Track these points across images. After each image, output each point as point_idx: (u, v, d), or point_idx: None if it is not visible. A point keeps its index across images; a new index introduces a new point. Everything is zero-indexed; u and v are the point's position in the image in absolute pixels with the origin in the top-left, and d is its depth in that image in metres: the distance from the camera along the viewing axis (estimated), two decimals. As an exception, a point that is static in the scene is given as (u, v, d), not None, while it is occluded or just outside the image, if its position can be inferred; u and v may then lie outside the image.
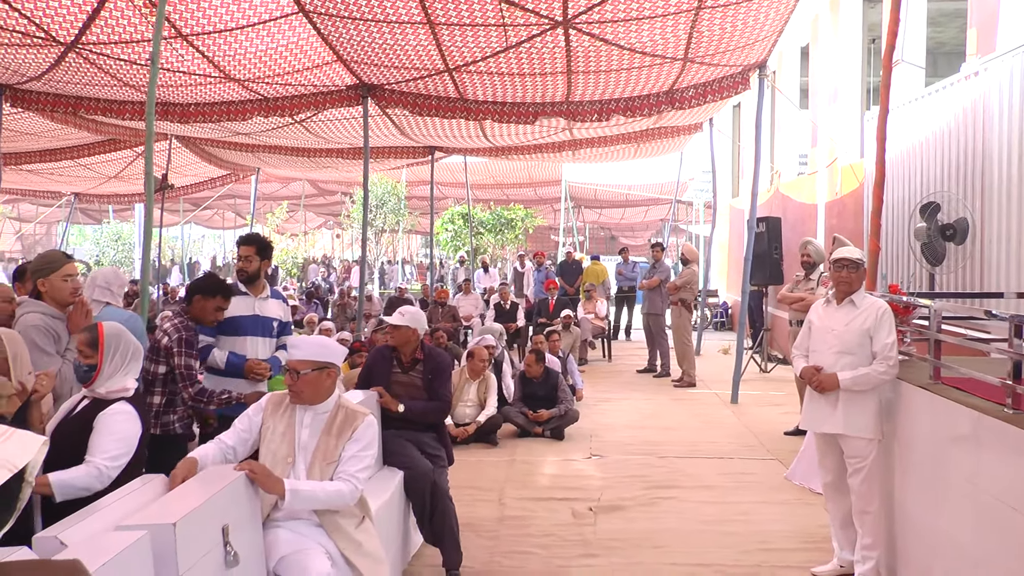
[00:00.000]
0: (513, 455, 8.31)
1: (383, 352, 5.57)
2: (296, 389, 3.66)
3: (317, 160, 16.87)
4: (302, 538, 3.57)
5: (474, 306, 16.15)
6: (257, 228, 27.13)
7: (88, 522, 2.88)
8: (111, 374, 3.72)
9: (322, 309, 19.43)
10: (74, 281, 4.63)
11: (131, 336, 3.87)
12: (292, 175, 23.65)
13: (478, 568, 5.28)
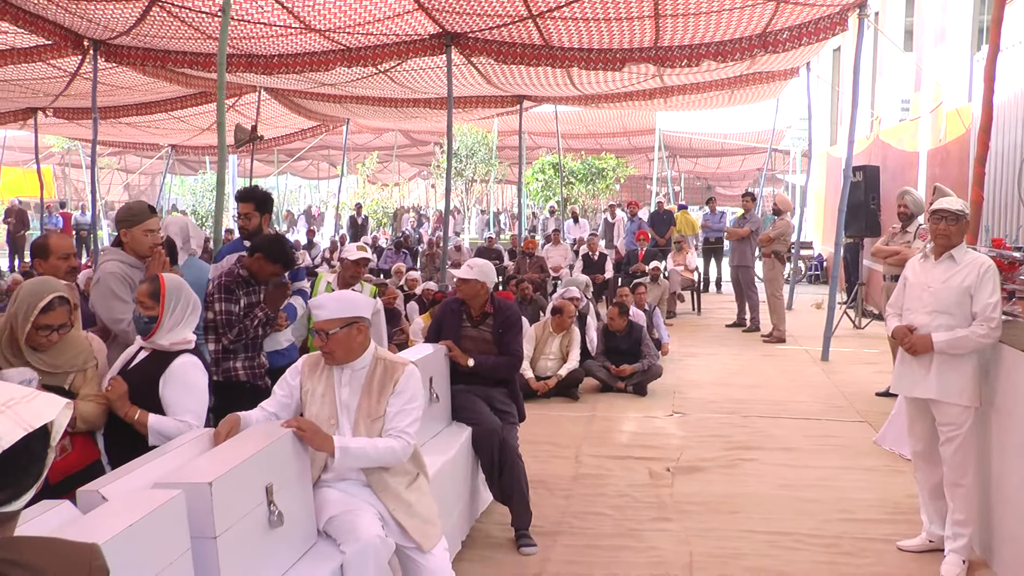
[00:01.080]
0: (593, 410, 8.17)
1: (452, 306, 5.44)
2: (327, 350, 3.52)
3: (405, 110, 16.82)
4: (352, 498, 3.48)
5: (563, 257, 15.98)
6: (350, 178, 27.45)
7: (131, 477, 2.86)
8: (171, 326, 3.68)
9: (410, 259, 19.51)
10: (154, 236, 4.66)
11: (191, 289, 3.83)
12: (383, 125, 23.72)
13: (548, 528, 5.18)
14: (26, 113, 15.82)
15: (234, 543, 2.77)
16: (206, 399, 3.70)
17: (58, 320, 3.43)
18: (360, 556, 3.23)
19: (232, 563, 2.76)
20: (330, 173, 37.41)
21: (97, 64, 11.12)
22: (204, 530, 2.67)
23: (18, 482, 1.49)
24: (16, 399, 1.50)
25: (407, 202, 41.45)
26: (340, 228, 23.87)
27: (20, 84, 13.12)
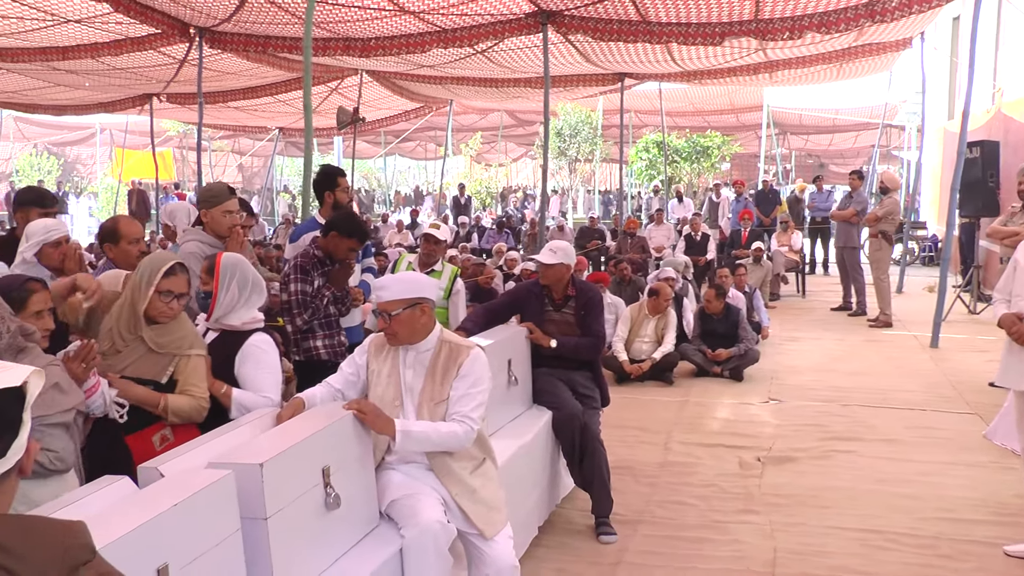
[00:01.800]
0: (687, 395, 7.99)
1: (533, 290, 5.34)
2: (391, 331, 3.47)
3: (506, 90, 16.76)
4: (414, 482, 3.44)
5: (666, 237, 15.68)
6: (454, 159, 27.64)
7: (192, 455, 2.88)
8: (229, 303, 3.70)
9: (512, 238, 19.52)
10: (233, 217, 4.73)
11: (251, 268, 3.84)
12: (487, 106, 23.78)
13: (630, 517, 5.07)
14: (142, 99, 16.46)
15: (287, 524, 2.77)
16: (280, 376, 3.75)
17: (179, 287, 3.42)
18: (419, 541, 3.20)
19: (284, 544, 2.75)
20: (437, 154, 37.78)
21: (202, 51, 11.44)
22: (255, 511, 2.67)
23: None
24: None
25: (514, 182, 41.52)
26: (444, 208, 24.07)
27: (135, 72, 13.64)
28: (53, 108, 18.28)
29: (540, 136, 27.35)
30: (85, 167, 35.21)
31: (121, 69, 13.32)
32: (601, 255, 15.60)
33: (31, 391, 1.60)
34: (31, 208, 4.80)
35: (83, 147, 33.78)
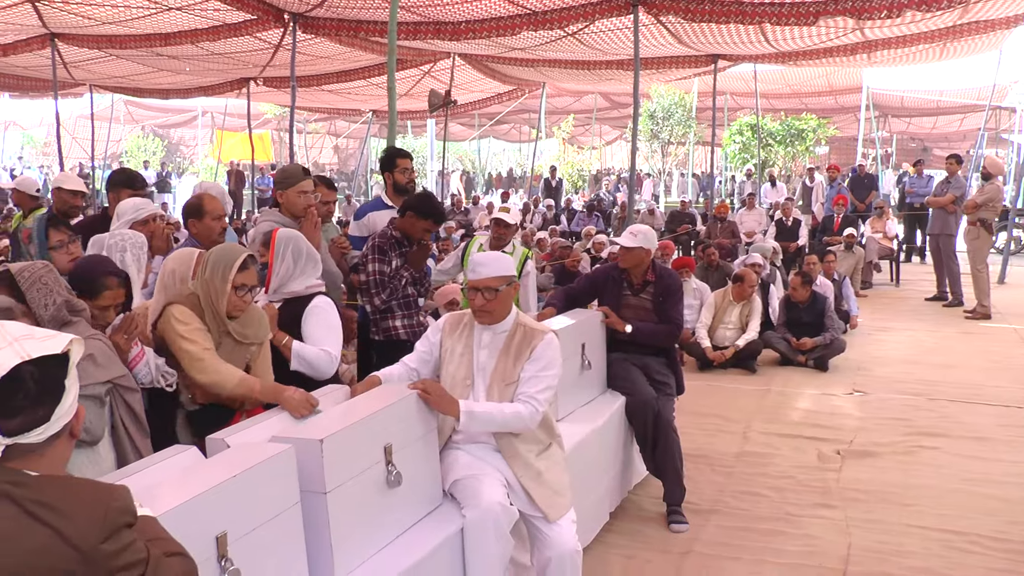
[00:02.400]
0: (769, 385, 7.84)
1: (612, 273, 5.30)
2: (487, 308, 3.48)
3: (598, 72, 16.63)
4: (479, 462, 3.46)
5: (757, 222, 15.36)
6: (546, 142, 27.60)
7: (259, 428, 2.97)
8: (285, 274, 3.85)
9: (602, 222, 19.42)
10: (307, 197, 4.83)
11: (304, 242, 3.97)
12: (581, 88, 23.64)
13: (703, 506, 5.01)
14: (240, 83, 16.90)
15: (346, 499, 2.82)
16: (340, 337, 3.87)
17: (252, 280, 3.47)
18: (480, 522, 3.22)
19: (344, 518, 2.81)
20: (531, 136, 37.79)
21: (296, 36, 11.68)
22: (314, 485, 2.73)
23: (30, 410, 1.62)
24: (27, 335, 1.64)
25: (608, 165, 41.24)
26: (535, 191, 24.08)
27: (232, 57, 14.02)
28: (159, 92, 18.97)
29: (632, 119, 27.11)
30: (188, 148, 36.45)
31: (219, 54, 13.71)
32: (691, 239, 15.39)
33: (73, 358, 1.69)
34: (122, 189, 5.01)
35: (186, 129, 34.97)
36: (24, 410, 1.62)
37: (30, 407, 1.63)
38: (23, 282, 2.91)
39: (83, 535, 1.61)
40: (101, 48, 13.51)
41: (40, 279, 2.90)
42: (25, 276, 2.93)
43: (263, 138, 29.50)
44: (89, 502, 1.66)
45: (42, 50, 13.43)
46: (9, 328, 1.68)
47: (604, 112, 29.42)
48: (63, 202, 5.75)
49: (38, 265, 2.99)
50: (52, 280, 2.93)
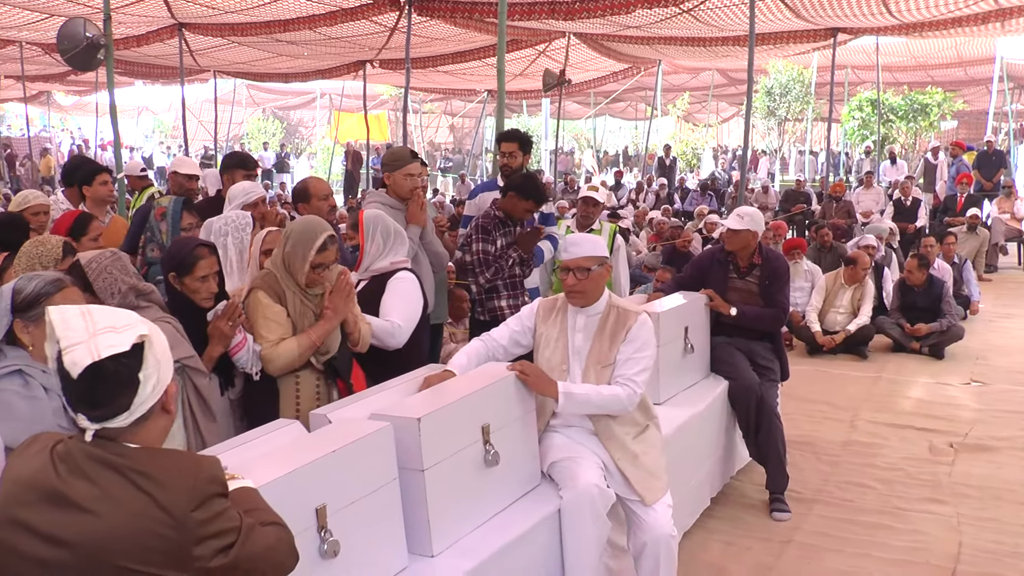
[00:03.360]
0: (880, 372, 7.61)
1: (717, 256, 5.23)
2: (580, 288, 3.49)
3: (715, 49, 16.33)
4: (576, 445, 3.50)
5: (875, 201, 14.78)
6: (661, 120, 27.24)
7: (361, 404, 3.09)
8: (376, 254, 3.98)
9: (716, 201, 19.11)
10: (414, 180, 4.91)
11: (391, 221, 4.08)
12: (697, 65, 23.23)
13: (806, 495, 4.93)
14: (356, 65, 17.32)
15: (444, 477, 2.90)
16: (415, 310, 3.94)
17: (330, 259, 3.61)
18: (576, 503, 3.26)
19: (441, 496, 2.89)
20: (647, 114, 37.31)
21: (411, 19, 11.89)
22: (412, 462, 2.82)
23: (108, 402, 1.75)
24: (109, 327, 1.77)
25: (724, 142, 40.41)
26: (649, 169, 23.85)
27: (349, 40, 14.38)
28: (278, 76, 19.62)
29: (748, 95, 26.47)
30: (306, 129, 37.47)
31: (336, 39, 14.08)
32: (805, 220, 14.99)
33: (148, 349, 1.81)
34: (236, 171, 5.23)
35: (304, 111, 35.95)
36: (103, 402, 1.76)
37: (109, 399, 1.76)
38: (91, 272, 3.08)
39: (175, 503, 1.75)
40: (224, 36, 14.10)
41: (106, 268, 3.06)
42: (93, 267, 3.09)
43: (379, 118, 30.11)
44: (181, 473, 1.80)
45: (170, 39, 14.11)
46: (96, 317, 1.80)
47: (721, 89, 28.80)
48: (179, 185, 6.02)
49: (106, 255, 3.14)
50: (119, 269, 3.08)
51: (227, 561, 1.80)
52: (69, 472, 1.76)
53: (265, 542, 1.89)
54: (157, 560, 1.74)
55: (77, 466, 1.76)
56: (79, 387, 1.74)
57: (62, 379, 1.75)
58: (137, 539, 1.72)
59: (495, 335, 3.71)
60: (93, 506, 1.73)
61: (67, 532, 1.71)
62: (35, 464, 1.80)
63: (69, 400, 1.76)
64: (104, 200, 5.68)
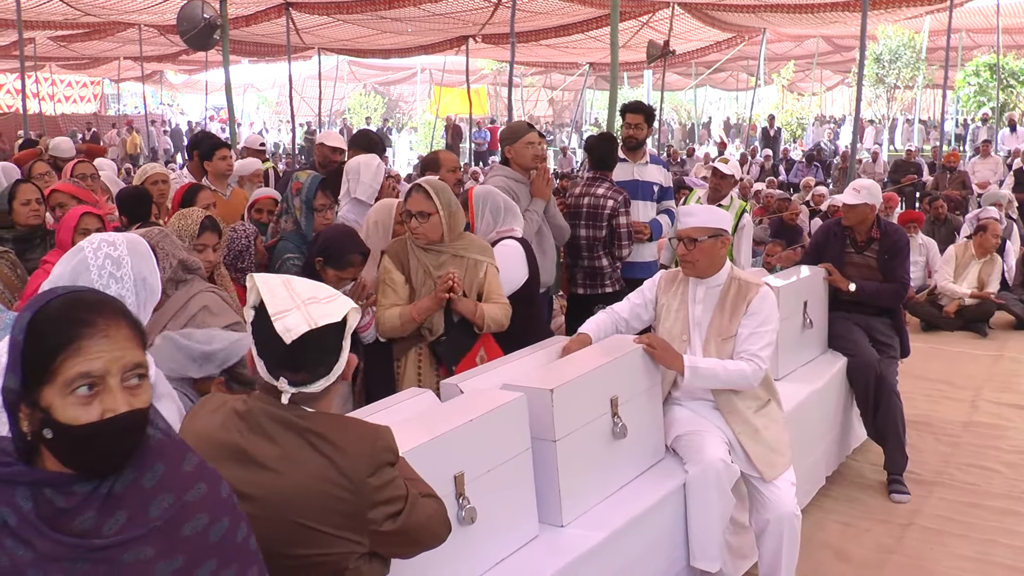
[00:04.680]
0: (1002, 350, 7.34)
1: (834, 230, 5.14)
2: (690, 259, 3.49)
3: (822, 16, 15.96)
4: (700, 418, 3.51)
5: (992, 171, 14.19)
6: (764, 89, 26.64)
7: (491, 375, 3.16)
8: (486, 230, 4.03)
9: (822, 172, 18.65)
10: (534, 148, 4.96)
11: (500, 197, 4.12)
12: (802, 32, 22.65)
13: (926, 477, 4.82)
14: (459, 40, 17.46)
15: (574, 448, 2.96)
16: (515, 278, 3.94)
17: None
18: (702, 478, 3.27)
19: (571, 466, 2.95)
20: (748, 84, 36.54)
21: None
22: (544, 433, 2.88)
23: (312, 368, 1.86)
24: (312, 299, 1.85)
25: (828, 112, 39.27)
26: (752, 140, 23.39)
27: (453, 16, 14.52)
28: (380, 52, 19.93)
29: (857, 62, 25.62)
30: (407, 104, 37.88)
31: (440, 15, 14.22)
32: (916, 191, 14.49)
33: (350, 322, 1.90)
34: (361, 151, 5.38)
35: (405, 86, 36.35)
36: (308, 367, 1.86)
37: (315, 365, 1.87)
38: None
39: (353, 467, 1.85)
40: (330, 14, 14.40)
41: (157, 245, 3.14)
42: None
43: (479, 92, 30.23)
44: (358, 439, 1.90)
45: (278, 19, 14.45)
46: (297, 288, 1.90)
47: (826, 56, 27.98)
48: (324, 156, 6.21)
49: (154, 232, 3.24)
50: (168, 244, 3.19)
51: (395, 527, 1.90)
52: (250, 431, 1.88)
53: (426, 512, 1.98)
54: (334, 521, 1.85)
55: (259, 426, 1.87)
56: (288, 351, 1.82)
57: (264, 341, 1.86)
58: (317, 499, 1.83)
59: (617, 308, 3.75)
60: (275, 464, 1.85)
61: (250, 487, 1.82)
62: (216, 422, 1.93)
63: (268, 362, 1.86)
64: (223, 174, 5.90)
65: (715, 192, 6.12)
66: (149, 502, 1.46)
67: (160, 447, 1.52)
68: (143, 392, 1.44)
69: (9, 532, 1.38)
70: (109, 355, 1.40)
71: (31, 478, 1.42)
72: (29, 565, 1.37)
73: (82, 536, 1.40)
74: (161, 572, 1.44)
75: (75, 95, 32.15)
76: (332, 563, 1.87)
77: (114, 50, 21.60)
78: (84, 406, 1.38)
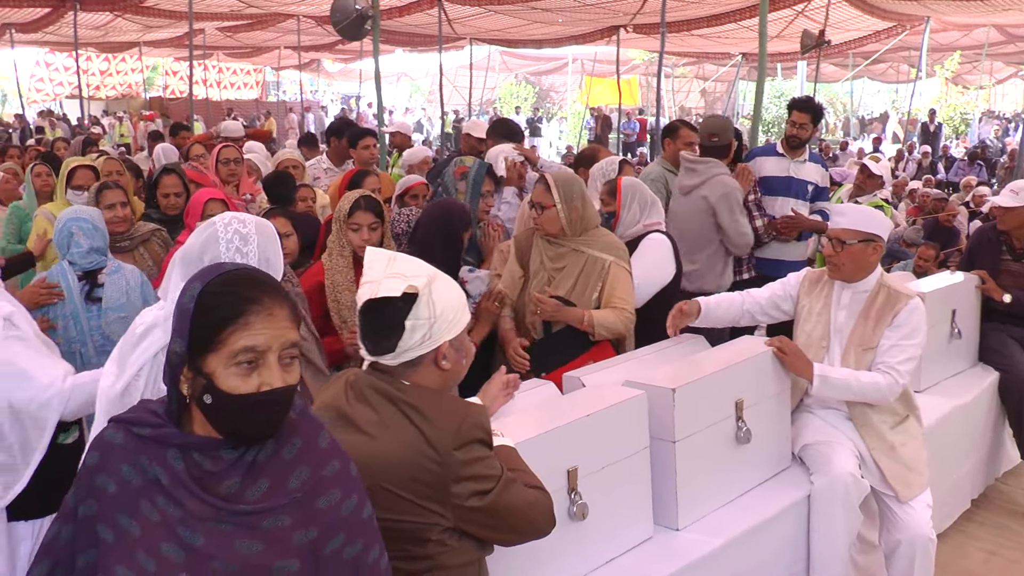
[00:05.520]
0: None
1: (989, 235, 4.81)
2: (836, 261, 3.34)
3: (993, 3, 14.98)
4: (831, 428, 3.37)
5: None
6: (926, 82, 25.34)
7: (614, 370, 3.13)
8: (631, 221, 3.99)
9: (986, 172, 17.59)
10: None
11: (648, 190, 4.09)
12: (970, 21, 21.38)
13: (1086, 506, 4.48)
14: (610, 31, 17.35)
15: (695, 450, 2.90)
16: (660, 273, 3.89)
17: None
18: (828, 491, 3.15)
19: (690, 469, 2.89)
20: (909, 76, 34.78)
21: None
22: (664, 432, 2.84)
23: (376, 339, 1.97)
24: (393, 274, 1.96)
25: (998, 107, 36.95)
26: (911, 136, 22.29)
27: (603, 7, 14.44)
28: (532, 42, 20.02)
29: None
30: (557, 94, 37.95)
31: (591, 5, 14.17)
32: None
33: (421, 301, 1.95)
34: (501, 138, 5.47)
35: (556, 76, 36.39)
36: (374, 337, 1.98)
37: (378, 336, 1.97)
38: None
39: (441, 439, 1.90)
40: (481, 5, 14.55)
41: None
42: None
43: (630, 83, 29.98)
44: (449, 412, 1.95)
45: (431, 9, 14.73)
46: (396, 262, 2.00)
47: (997, 47, 26.23)
48: (470, 147, 6.32)
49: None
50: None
51: (482, 505, 1.93)
52: (355, 398, 2.00)
53: (524, 499, 1.99)
54: (419, 490, 1.90)
55: (362, 394, 1.99)
56: (361, 319, 2.00)
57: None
58: (404, 468, 1.90)
59: (754, 293, 3.62)
60: (370, 429, 1.94)
61: (348, 449, 1.88)
62: (333, 390, 2.06)
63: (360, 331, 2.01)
64: (368, 162, 6.13)
65: (858, 190, 5.86)
66: (289, 473, 1.56)
67: (297, 423, 1.62)
68: (295, 369, 1.55)
69: (161, 490, 1.49)
70: (271, 333, 1.50)
71: (181, 440, 1.52)
72: (178, 523, 1.48)
73: (227, 500, 1.50)
74: (297, 541, 1.53)
75: (239, 82, 33.83)
76: (413, 531, 1.92)
77: (275, 40, 22.61)
78: (244, 377, 1.48)
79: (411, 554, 1.93)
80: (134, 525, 1.49)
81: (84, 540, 1.53)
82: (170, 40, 22.09)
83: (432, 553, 1.94)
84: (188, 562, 1.47)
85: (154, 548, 1.47)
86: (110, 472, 1.51)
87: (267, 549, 1.50)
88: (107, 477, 1.51)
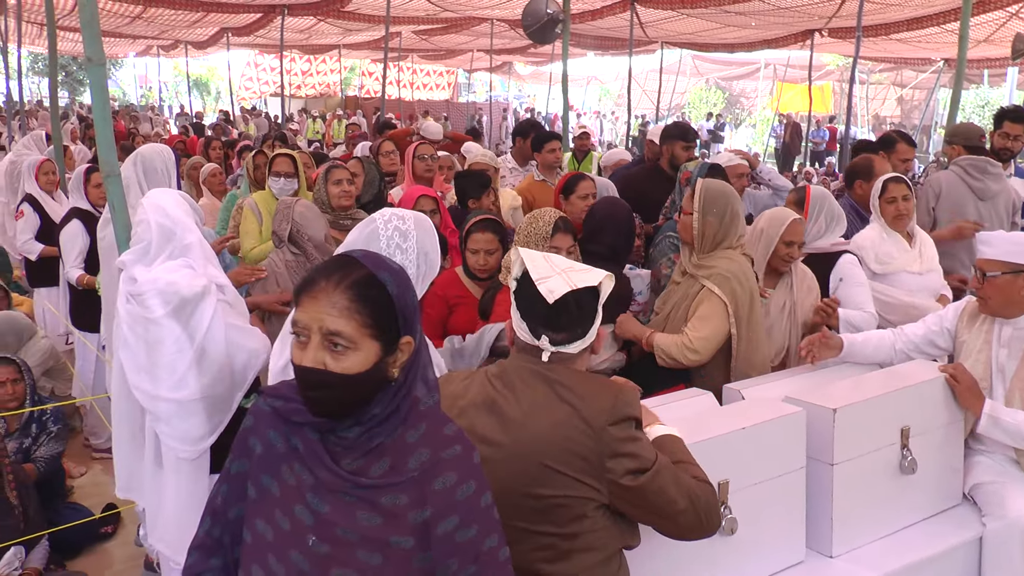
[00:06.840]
0: None
1: None
2: (983, 294, 3.12)
3: None
4: (1003, 468, 3.14)
5: None
6: None
7: (771, 385, 3.05)
8: (816, 233, 3.90)
9: None
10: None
11: (835, 202, 4.02)
12: None
13: None
14: (804, 35, 16.73)
15: (854, 476, 2.79)
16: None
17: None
18: (1003, 534, 2.94)
19: (848, 495, 2.79)
20: None
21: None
22: (822, 454, 2.75)
23: (571, 327, 2.03)
24: (571, 267, 2.05)
25: None
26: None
27: (798, 10, 13.96)
28: (724, 46, 19.63)
29: None
30: (747, 100, 37.01)
31: (785, 8, 13.73)
32: None
33: (604, 290, 2.08)
34: (675, 142, 5.40)
35: (747, 81, 35.48)
36: (567, 327, 2.03)
37: (573, 325, 2.03)
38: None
39: (595, 415, 1.98)
40: (675, 8, 14.37)
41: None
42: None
43: (823, 90, 28.91)
44: (602, 390, 2.03)
45: (623, 12, 14.69)
46: (555, 260, 2.09)
47: None
48: (654, 153, 6.26)
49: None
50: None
51: (635, 484, 1.97)
52: (504, 386, 2.08)
53: (684, 488, 2.01)
54: (576, 465, 1.97)
55: (511, 382, 2.07)
56: (551, 311, 2.01)
57: (527, 306, 2.06)
58: (561, 444, 1.97)
59: (907, 330, 3.42)
60: (524, 412, 2.02)
61: (499, 434, 2.03)
62: (468, 384, 2.15)
63: (531, 324, 2.05)
64: (552, 165, 6.21)
65: None
66: (409, 454, 1.63)
67: (428, 412, 1.70)
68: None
69: (299, 457, 1.64)
70: (311, 314, 1.58)
71: (301, 419, 1.63)
72: (309, 489, 1.61)
73: (354, 473, 1.61)
74: (412, 520, 1.60)
75: (431, 83, 35.00)
76: (571, 507, 1.98)
77: (468, 43, 23.18)
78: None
79: (566, 532, 1.99)
80: (275, 485, 1.65)
81: (235, 495, 1.71)
82: (368, 43, 23.12)
83: (585, 530, 2.00)
84: (315, 525, 1.59)
85: (289, 509, 1.61)
86: (259, 435, 1.68)
87: (385, 523, 1.59)
88: (256, 439, 1.68)
